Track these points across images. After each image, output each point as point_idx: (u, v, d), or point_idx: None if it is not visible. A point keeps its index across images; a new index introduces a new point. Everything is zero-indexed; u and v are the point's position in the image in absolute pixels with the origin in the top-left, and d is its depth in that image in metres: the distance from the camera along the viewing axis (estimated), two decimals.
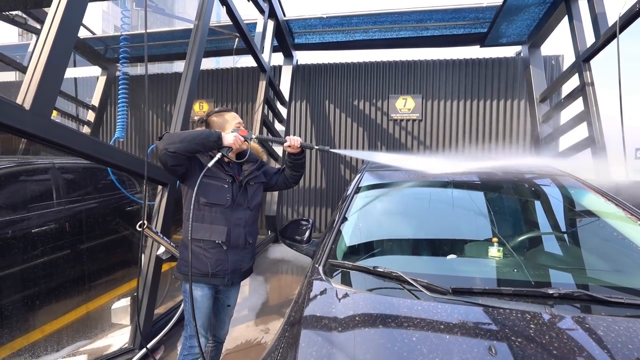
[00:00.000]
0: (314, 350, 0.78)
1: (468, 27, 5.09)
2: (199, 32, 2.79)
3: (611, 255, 1.13)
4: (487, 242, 1.18)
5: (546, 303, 0.92)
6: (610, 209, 1.37)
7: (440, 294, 0.96)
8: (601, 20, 3.49)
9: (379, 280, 1.06)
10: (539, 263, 1.12)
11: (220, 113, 1.75)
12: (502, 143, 5.32)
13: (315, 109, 5.82)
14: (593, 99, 3.62)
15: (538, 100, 4.66)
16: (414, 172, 1.63)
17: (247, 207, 1.69)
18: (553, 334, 0.81)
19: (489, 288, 0.96)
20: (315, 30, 5.38)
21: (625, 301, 0.90)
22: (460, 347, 0.77)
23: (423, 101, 5.49)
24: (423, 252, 1.20)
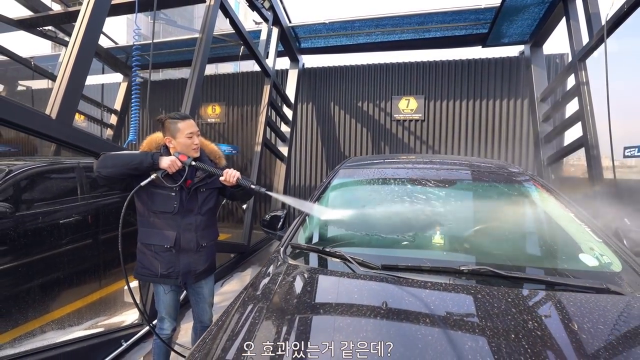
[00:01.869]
0: (252, 303, 1.02)
1: (469, 28, 5.16)
2: (203, 43, 3.09)
3: (536, 243, 1.29)
4: (431, 230, 1.37)
5: (454, 276, 1.12)
6: (552, 204, 1.53)
7: (371, 269, 1.17)
8: (594, 21, 3.53)
9: (327, 259, 1.29)
10: (469, 248, 1.30)
11: (175, 120, 1.76)
12: (504, 143, 5.37)
13: (320, 111, 6.05)
14: (587, 98, 3.66)
15: (539, 99, 4.69)
16: (385, 171, 1.84)
17: (197, 213, 1.77)
18: (447, 299, 1.01)
19: (412, 265, 1.17)
20: (319, 35, 5.61)
21: (520, 276, 1.09)
22: (369, 302, 0.99)
23: (425, 102, 5.61)
24: (374, 238, 1.41)
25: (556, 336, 0.83)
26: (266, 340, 0.84)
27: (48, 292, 2.82)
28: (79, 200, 3.11)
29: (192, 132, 1.77)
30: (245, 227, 4.36)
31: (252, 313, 0.97)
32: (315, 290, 1.07)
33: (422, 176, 1.69)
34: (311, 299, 1.02)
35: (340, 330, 0.87)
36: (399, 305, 0.96)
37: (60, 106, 1.79)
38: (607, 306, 0.95)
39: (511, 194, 1.55)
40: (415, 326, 0.87)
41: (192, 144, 1.79)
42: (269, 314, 0.96)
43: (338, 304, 0.98)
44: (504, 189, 1.58)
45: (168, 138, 1.79)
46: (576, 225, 1.40)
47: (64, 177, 3.18)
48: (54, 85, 1.90)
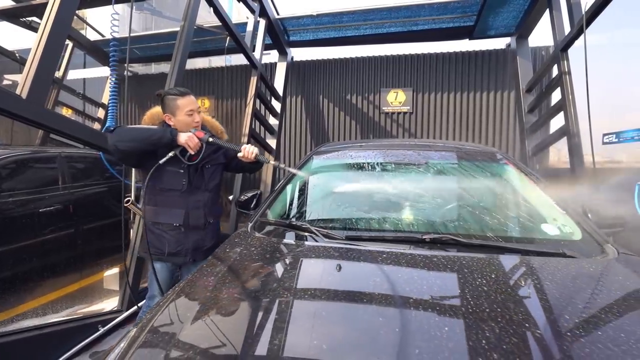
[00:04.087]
0: (210, 268, 1.03)
1: (456, 21, 5.18)
2: (185, 32, 3.06)
3: (502, 215, 1.31)
4: (398, 204, 1.39)
5: (417, 245, 1.13)
6: (521, 181, 1.55)
7: (335, 240, 1.18)
8: (575, 11, 3.57)
9: (293, 232, 1.29)
10: (435, 220, 1.32)
11: (174, 97, 1.72)
12: (492, 134, 5.41)
13: (310, 104, 6.05)
14: (569, 87, 3.70)
15: (524, 90, 4.73)
16: (359, 154, 1.85)
17: (205, 190, 1.76)
18: (407, 267, 1.02)
19: (375, 235, 1.18)
20: (308, 27, 5.60)
21: (479, 243, 1.10)
22: (328, 271, 0.99)
23: (414, 94, 5.63)
24: (343, 213, 1.42)
25: (508, 296, 0.84)
26: (222, 309, 0.85)
27: (26, 281, 2.80)
28: (60, 190, 3.08)
29: (193, 110, 1.72)
30: (232, 219, 4.35)
31: (212, 282, 0.98)
32: (276, 260, 1.08)
33: (394, 156, 1.71)
34: (271, 269, 1.03)
35: (297, 298, 0.87)
36: (358, 274, 0.98)
37: (31, 86, 1.77)
38: (560, 268, 0.97)
39: (482, 171, 1.57)
40: (373, 294, 0.88)
41: (192, 121, 1.74)
42: (229, 283, 0.96)
43: (297, 273, 0.99)
44: (476, 166, 1.60)
45: (167, 115, 1.75)
46: (543, 199, 1.42)
47: (45, 167, 3.15)
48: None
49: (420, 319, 0.73)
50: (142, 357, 0.69)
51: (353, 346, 0.67)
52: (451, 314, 0.75)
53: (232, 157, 1.93)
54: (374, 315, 0.75)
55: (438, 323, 0.71)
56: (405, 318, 0.74)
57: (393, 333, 0.69)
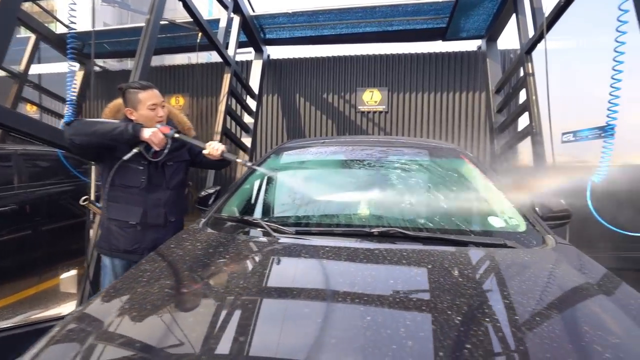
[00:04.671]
0: (148, 264, 1.00)
1: (429, 22, 5.29)
2: (150, 26, 2.98)
3: (452, 208, 1.34)
4: (351, 200, 1.40)
5: (366, 239, 1.14)
6: (474, 175, 1.59)
7: (286, 234, 1.18)
8: (538, 15, 3.72)
9: (244, 228, 1.28)
10: (386, 214, 1.34)
11: (135, 90, 1.65)
12: (464, 133, 5.56)
13: (286, 102, 6.03)
14: (533, 88, 3.85)
15: (493, 91, 4.89)
16: (318, 150, 1.85)
17: (166, 188, 1.70)
18: (355, 259, 1.03)
19: (325, 230, 1.18)
20: (284, 26, 5.57)
21: (424, 235, 1.13)
22: (276, 264, 0.99)
23: (389, 94, 5.70)
24: (296, 208, 1.43)
25: (439, 285, 0.86)
26: (151, 306, 0.82)
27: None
28: (15, 190, 2.93)
29: (156, 104, 1.65)
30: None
31: (146, 278, 0.95)
32: (219, 255, 1.07)
33: (352, 152, 1.73)
34: (212, 264, 1.01)
35: (233, 293, 0.86)
36: (298, 267, 0.98)
37: None
38: (498, 258, 1.00)
39: (437, 167, 1.61)
40: (308, 286, 0.88)
41: (155, 116, 1.67)
42: (163, 279, 0.94)
43: (239, 268, 0.97)
44: (431, 162, 1.63)
45: (129, 109, 1.67)
46: (494, 193, 1.47)
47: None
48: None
49: (343, 310, 0.73)
50: (55, 353, 0.66)
51: (283, 341, 0.67)
52: (377, 303, 0.76)
53: (197, 153, 1.88)
54: (305, 308, 0.75)
55: (361, 312, 0.72)
56: (331, 310, 0.74)
57: (316, 325, 0.69)
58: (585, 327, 0.68)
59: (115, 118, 1.71)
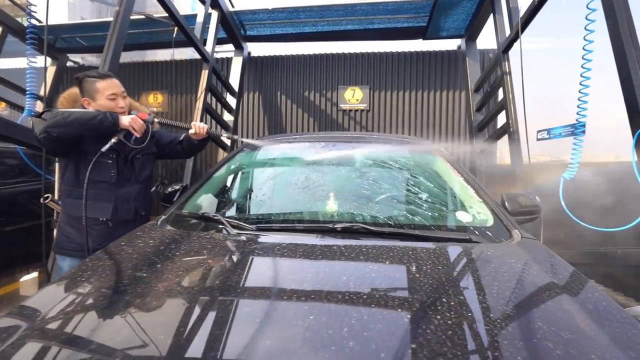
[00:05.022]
0: (91, 262, 0.94)
1: (410, 21, 5.31)
2: (119, 20, 2.85)
3: (419, 203, 1.32)
4: (316, 195, 1.36)
5: (328, 235, 1.10)
6: (445, 171, 1.58)
7: (247, 231, 1.13)
8: (514, 15, 3.77)
9: (204, 224, 1.22)
10: (352, 210, 1.30)
11: (93, 79, 1.58)
12: (445, 132, 5.61)
13: (267, 100, 5.95)
14: (510, 87, 3.90)
15: (472, 90, 4.94)
16: (287, 146, 1.80)
17: (135, 181, 1.65)
18: (316, 256, 0.98)
19: (286, 226, 1.14)
20: (265, 22, 5.49)
21: (389, 231, 1.09)
22: (233, 262, 0.94)
23: (371, 92, 5.70)
24: (259, 204, 1.38)
25: (400, 283, 0.83)
26: (88, 305, 0.76)
27: None
28: None
29: (115, 93, 1.57)
30: None
31: (86, 277, 0.88)
32: (171, 253, 1.01)
33: (321, 148, 1.69)
34: (160, 261, 0.95)
35: (181, 290, 0.81)
36: (253, 264, 0.93)
37: None
38: (461, 253, 0.98)
39: (407, 162, 1.59)
40: (266, 285, 0.83)
41: (115, 107, 1.59)
42: (104, 278, 0.88)
43: (191, 265, 0.92)
44: (401, 157, 1.61)
45: (86, 100, 1.59)
46: (463, 189, 1.45)
47: None
48: None
49: (286, 309, 0.69)
50: None
51: (212, 340, 0.62)
52: (324, 302, 0.72)
53: (167, 143, 1.82)
54: (245, 308, 0.71)
55: (304, 312, 0.68)
56: (273, 309, 0.70)
57: (253, 325, 0.65)
58: (539, 323, 0.66)
59: (72, 108, 1.61)
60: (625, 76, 2.16)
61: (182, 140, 1.80)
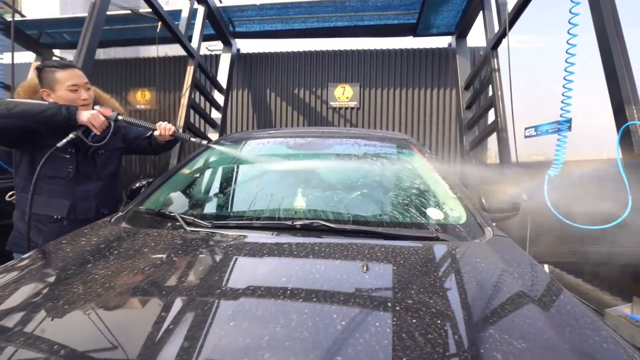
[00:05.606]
0: (25, 261, 0.87)
1: (400, 18, 5.26)
2: (95, 14, 2.77)
3: (390, 199, 1.26)
4: (281, 191, 1.29)
5: (284, 233, 1.04)
6: (421, 166, 1.52)
7: (202, 228, 1.06)
8: (503, 11, 3.73)
9: (161, 221, 1.15)
10: (318, 206, 1.24)
11: (52, 69, 1.49)
12: (435, 130, 5.56)
13: (257, 97, 5.87)
14: (499, 84, 3.85)
15: (462, 88, 4.90)
16: (259, 142, 1.73)
17: (97, 178, 1.57)
18: (272, 254, 0.92)
19: (243, 223, 1.07)
20: (253, 19, 5.41)
21: (352, 229, 1.03)
22: (183, 260, 0.87)
23: (361, 89, 5.64)
24: (220, 200, 1.31)
25: (346, 283, 0.76)
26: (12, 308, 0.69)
27: None
28: None
29: (77, 84, 1.48)
30: None
31: (21, 273, 0.81)
32: (113, 251, 0.93)
33: (293, 143, 1.62)
34: (99, 261, 0.88)
35: (113, 292, 0.74)
36: (195, 262, 0.86)
37: None
38: (424, 253, 0.92)
39: (381, 157, 1.52)
40: (201, 284, 0.76)
41: (77, 98, 1.50)
42: (29, 279, 0.80)
43: (129, 264, 0.85)
44: (376, 152, 1.55)
45: (45, 91, 1.49)
46: (438, 185, 1.39)
47: None
48: None
49: (220, 309, 0.63)
50: None
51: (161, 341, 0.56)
52: (259, 303, 0.66)
53: (134, 138, 1.74)
54: (178, 304, 0.65)
55: (232, 314, 0.62)
56: (203, 310, 0.64)
57: (179, 326, 0.59)
58: (491, 330, 0.60)
59: (31, 99, 1.53)
60: (611, 71, 2.11)
61: (149, 137, 1.72)
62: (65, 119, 1.39)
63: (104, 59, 6.48)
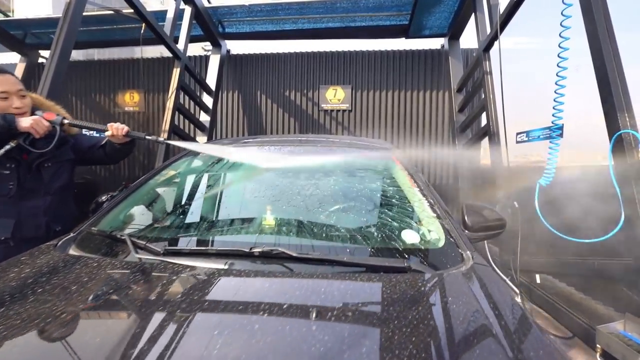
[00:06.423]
0: None
1: (392, 19, 5.17)
2: (70, 13, 2.65)
3: (361, 220, 1.15)
4: (243, 214, 1.19)
5: (246, 260, 0.94)
6: (400, 179, 1.42)
7: (152, 254, 0.96)
8: (494, 13, 3.64)
9: (114, 245, 1.05)
10: (282, 230, 1.13)
11: None
12: (428, 133, 5.47)
13: (246, 99, 5.76)
14: (490, 87, 3.77)
15: (455, 90, 4.81)
16: (224, 154, 1.61)
17: (46, 193, 1.45)
18: (222, 287, 0.82)
19: (197, 249, 0.97)
20: (243, 19, 5.30)
21: (315, 257, 0.93)
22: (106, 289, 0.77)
23: (353, 92, 5.55)
24: (178, 221, 1.20)
25: (286, 328, 0.66)
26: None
27: None
28: None
29: (7, 92, 1.37)
30: None
31: None
32: (52, 288, 0.83)
33: (263, 157, 1.51)
34: (32, 300, 0.78)
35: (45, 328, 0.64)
36: (137, 299, 0.76)
37: None
38: (388, 289, 0.82)
39: (358, 172, 1.43)
40: (168, 320, 0.67)
41: (9, 107, 1.39)
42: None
43: (53, 305, 0.75)
44: (352, 166, 1.45)
45: None
46: (417, 201, 1.29)
47: None
48: None
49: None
50: None
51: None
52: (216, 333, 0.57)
53: (88, 148, 1.62)
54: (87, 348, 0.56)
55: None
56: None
57: None
58: None
59: None
60: (602, 76, 2.03)
61: (104, 145, 1.60)
62: (3, 128, 1.29)
63: (99, 60, 6.34)
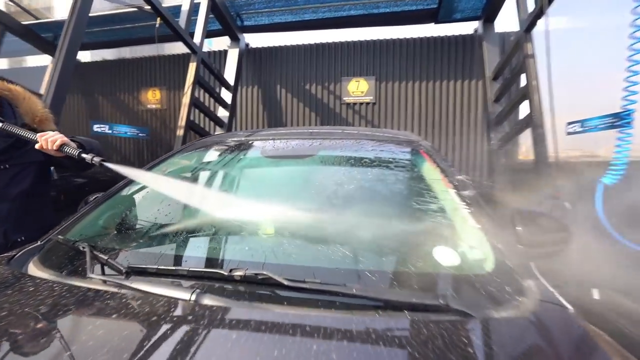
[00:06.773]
0: None
1: (419, 3, 4.77)
2: (76, 12, 2.55)
3: (380, 234, 0.87)
4: (232, 224, 0.95)
5: (221, 284, 0.71)
6: (431, 179, 1.14)
7: (114, 275, 0.76)
8: None
9: (77, 257, 0.86)
10: (277, 244, 0.88)
11: None
12: (459, 126, 5.04)
13: (266, 94, 5.58)
14: (533, 72, 3.33)
15: (490, 78, 4.36)
16: (229, 148, 1.38)
17: (4, 199, 1.32)
18: (188, 323, 0.60)
19: (166, 268, 0.75)
20: (262, 11, 5.12)
21: (316, 288, 0.68)
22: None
23: (377, 83, 5.21)
24: (152, 235, 0.99)
25: None
26: None
27: None
28: None
29: None
30: None
31: None
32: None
33: (268, 152, 1.28)
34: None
35: None
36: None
37: None
38: (426, 341, 0.55)
39: (378, 170, 1.16)
40: None
41: None
42: None
43: None
44: (371, 163, 1.18)
45: None
46: (453, 206, 1.01)
47: None
48: None
49: None
50: None
51: None
52: None
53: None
54: None
55: None
56: None
57: None
58: None
59: None
60: None
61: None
62: None
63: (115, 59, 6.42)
